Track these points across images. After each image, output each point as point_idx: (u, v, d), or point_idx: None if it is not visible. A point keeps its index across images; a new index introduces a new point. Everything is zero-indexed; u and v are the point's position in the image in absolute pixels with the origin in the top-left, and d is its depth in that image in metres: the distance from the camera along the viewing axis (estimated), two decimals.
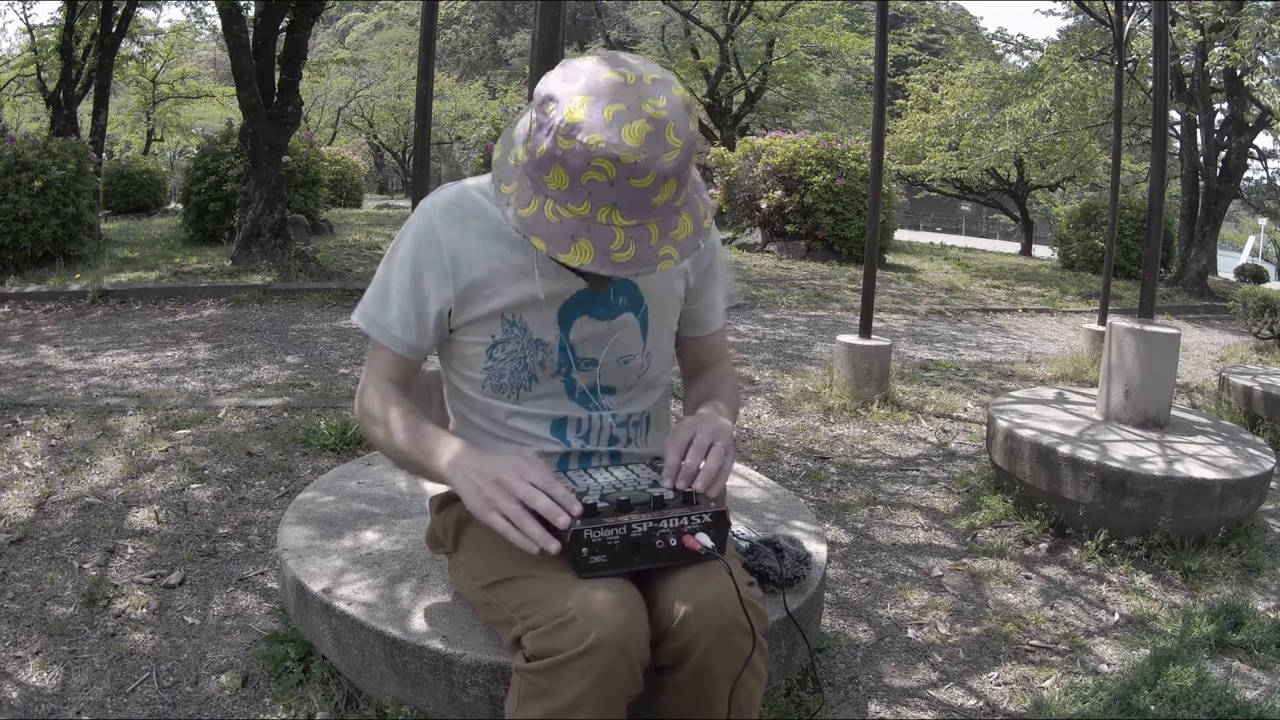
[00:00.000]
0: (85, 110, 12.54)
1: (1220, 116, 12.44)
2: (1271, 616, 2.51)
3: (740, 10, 15.91)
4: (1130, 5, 7.50)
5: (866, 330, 4.52)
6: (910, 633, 2.37)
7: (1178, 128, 12.55)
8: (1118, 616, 2.52)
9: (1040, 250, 17.77)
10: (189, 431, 3.50)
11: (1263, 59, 10.95)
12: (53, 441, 3.35)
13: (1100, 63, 11.47)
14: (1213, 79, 11.97)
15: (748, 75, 16.92)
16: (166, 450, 3.29)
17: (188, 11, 25.92)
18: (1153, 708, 1.96)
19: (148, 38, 16.34)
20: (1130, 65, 10.57)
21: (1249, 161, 13.25)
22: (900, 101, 16.82)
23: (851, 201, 10.42)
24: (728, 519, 1.31)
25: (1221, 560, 2.81)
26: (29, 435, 3.41)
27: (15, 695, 1.87)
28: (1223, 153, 12.20)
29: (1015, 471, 3.11)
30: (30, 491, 2.87)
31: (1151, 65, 4.55)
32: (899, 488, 3.43)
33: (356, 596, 1.62)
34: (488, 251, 1.39)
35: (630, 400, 1.51)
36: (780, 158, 10.81)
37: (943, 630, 2.39)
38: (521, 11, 44.31)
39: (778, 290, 8.48)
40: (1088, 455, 2.90)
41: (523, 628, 1.24)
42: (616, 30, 27.79)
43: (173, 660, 2.01)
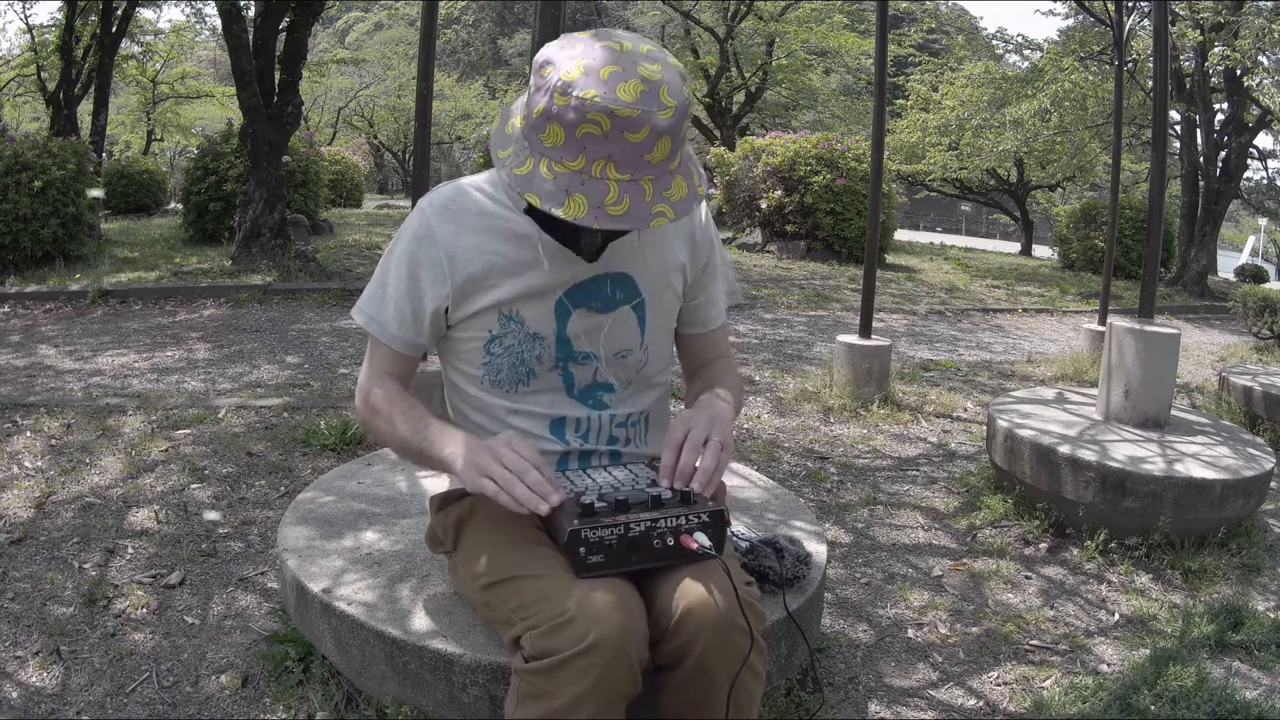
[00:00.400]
0: (85, 110, 12.56)
1: (1220, 116, 12.44)
2: (1271, 616, 2.51)
3: (740, 10, 15.90)
4: (1130, 5, 7.49)
5: (866, 330, 4.52)
6: (910, 633, 2.37)
7: (1178, 128, 12.54)
8: (1118, 616, 2.52)
9: (1040, 250, 17.78)
10: (189, 431, 3.50)
11: (1263, 59, 10.95)
12: (53, 441, 3.35)
13: (1100, 63, 11.46)
14: (1213, 79, 11.96)
15: (748, 75, 16.92)
16: (166, 450, 3.29)
17: (188, 11, 25.97)
18: (1153, 708, 1.96)
19: (148, 38, 16.37)
20: (1130, 65, 10.56)
21: (1249, 161, 13.26)
22: (900, 101, 16.81)
23: (851, 201, 10.42)
24: (726, 518, 1.31)
25: (1221, 560, 2.81)
26: (29, 435, 3.41)
27: (15, 695, 1.87)
28: (1223, 153, 12.20)
29: (1015, 471, 3.11)
30: (30, 491, 2.87)
31: (1151, 65, 4.55)
32: (899, 488, 3.43)
33: (356, 596, 1.62)
34: (484, 247, 1.40)
35: (629, 399, 1.51)
36: (780, 158, 10.81)
37: (943, 630, 2.39)
38: (521, 11, 44.32)
39: (778, 290, 8.48)
40: (1088, 455, 2.90)
41: (522, 628, 1.24)
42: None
43: (173, 660, 2.01)
